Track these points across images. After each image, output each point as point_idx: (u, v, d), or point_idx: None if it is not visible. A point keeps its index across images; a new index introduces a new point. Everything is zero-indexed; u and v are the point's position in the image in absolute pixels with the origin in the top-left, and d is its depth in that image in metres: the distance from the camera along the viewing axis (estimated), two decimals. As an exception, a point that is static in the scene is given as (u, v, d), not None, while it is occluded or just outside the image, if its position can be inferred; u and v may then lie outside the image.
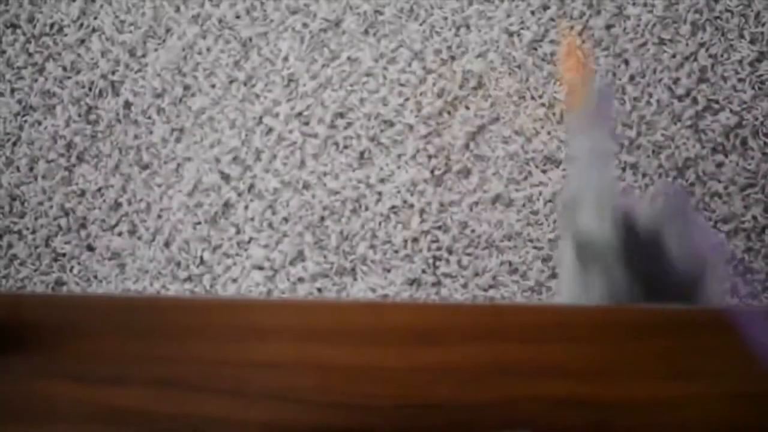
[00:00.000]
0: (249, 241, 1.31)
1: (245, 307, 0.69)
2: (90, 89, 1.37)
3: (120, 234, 1.33)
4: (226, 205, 1.32)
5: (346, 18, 1.35)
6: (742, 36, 1.32)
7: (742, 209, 1.28)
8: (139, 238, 1.33)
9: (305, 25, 1.35)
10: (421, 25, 1.34)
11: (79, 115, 1.36)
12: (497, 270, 1.26)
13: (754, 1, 1.33)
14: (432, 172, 1.30)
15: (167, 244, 1.32)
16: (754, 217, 1.27)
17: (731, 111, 1.30)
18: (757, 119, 1.30)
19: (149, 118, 1.35)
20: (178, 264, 1.31)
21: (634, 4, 1.33)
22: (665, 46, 1.32)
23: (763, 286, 1.26)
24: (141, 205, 1.33)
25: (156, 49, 1.37)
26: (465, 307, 0.69)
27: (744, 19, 1.33)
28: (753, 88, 1.31)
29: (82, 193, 1.34)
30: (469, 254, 1.27)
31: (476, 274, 1.27)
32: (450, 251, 1.28)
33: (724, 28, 1.33)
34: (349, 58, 1.34)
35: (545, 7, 1.34)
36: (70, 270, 1.32)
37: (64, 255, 1.32)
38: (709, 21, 1.32)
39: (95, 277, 1.32)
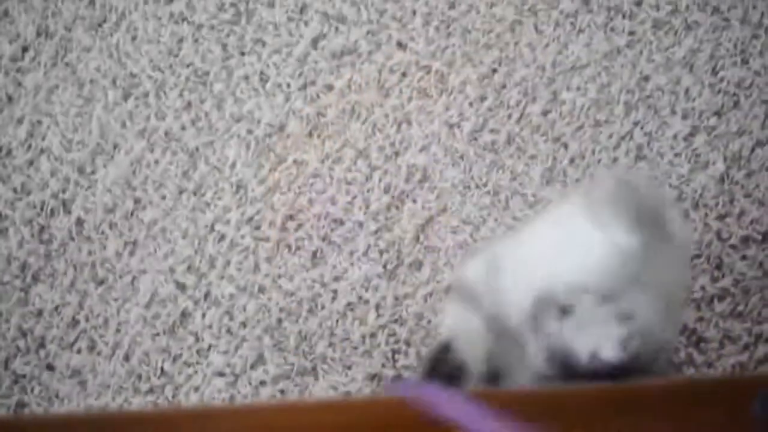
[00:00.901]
0: (209, 349, 1.32)
1: (210, 416, 0.70)
2: (41, 209, 1.39)
3: (79, 351, 1.34)
4: (184, 314, 1.34)
5: (289, 122, 1.39)
6: (674, 112, 1.37)
7: (690, 280, 1.31)
8: (99, 354, 1.34)
9: (250, 131, 1.39)
10: (363, 123, 1.38)
11: (32, 236, 1.38)
12: (455, 359, 1.29)
13: (683, 77, 1.39)
14: (384, 266, 1.33)
15: (127, 358, 1.33)
16: (703, 287, 1.31)
17: (670, 185, 1.35)
18: (696, 191, 1.35)
19: (102, 233, 1.37)
20: (139, 377, 1.32)
21: (568, 89, 1.39)
22: (601, 127, 1.37)
23: (717, 354, 1.30)
24: (99, 321, 1.35)
25: (105, 165, 1.40)
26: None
27: (675, 96, 1.38)
28: (689, 161, 1.35)
29: (39, 313, 1.35)
30: (426, 345, 1.30)
31: (435, 365, 1.29)
32: (408, 343, 1.30)
33: (657, 106, 1.38)
34: (295, 161, 1.38)
35: (482, 98, 1.39)
36: (31, 391, 1.33)
37: (24, 376, 1.33)
38: (641, 100, 1.38)
39: (57, 396, 1.33)
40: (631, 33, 1.40)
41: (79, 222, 1.38)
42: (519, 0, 1.42)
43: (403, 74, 1.41)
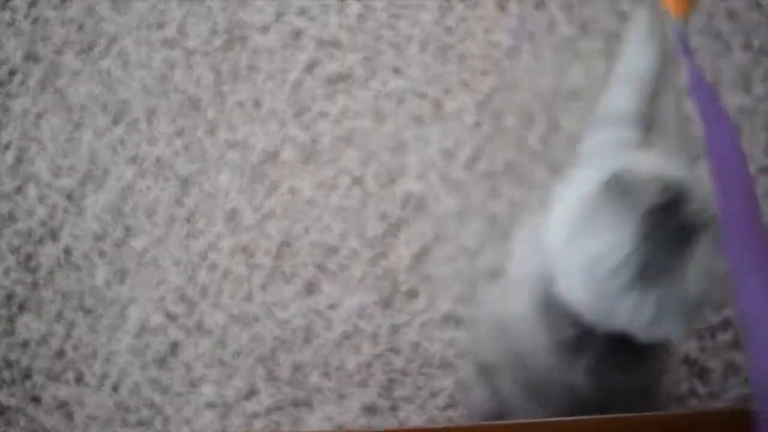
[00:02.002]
0: (200, 379, 1.31)
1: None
2: (29, 236, 1.38)
3: (66, 382, 1.33)
4: (175, 344, 1.33)
5: (284, 149, 1.39)
6: (674, 140, 1.37)
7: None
8: (87, 385, 1.32)
9: (244, 158, 1.38)
10: (358, 150, 1.38)
11: (19, 264, 1.37)
12: (453, 389, 1.28)
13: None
14: (380, 294, 1.32)
15: (116, 389, 1.32)
16: (705, 318, 1.30)
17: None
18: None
19: (91, 261, 1.36)
20: (128, 408, 1.31)
21: (566, 115, 1.38)
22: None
23: (721, 385, 1.29)
24: (87, 351, 1.33)
25: (95, 192, 1.39)
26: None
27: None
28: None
29: (26, 343, 1.34)
30: (423, 374, 1.29)
31: (432, 395, 1.28)
32: (404, 373, 1.29)
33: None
34: (290, 188, 1.37)
35: (479, 125, 1.38)
36: (17, 423, 1.31)
37: (9, 408, 1.31)
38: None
39: (43, 428, 1.31)
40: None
41: (68, 250, 1.37)
42: (516, 26, 1.42)
43: (399, 101, 1.41)
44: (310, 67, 1.43)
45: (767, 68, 1.40)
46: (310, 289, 1.33)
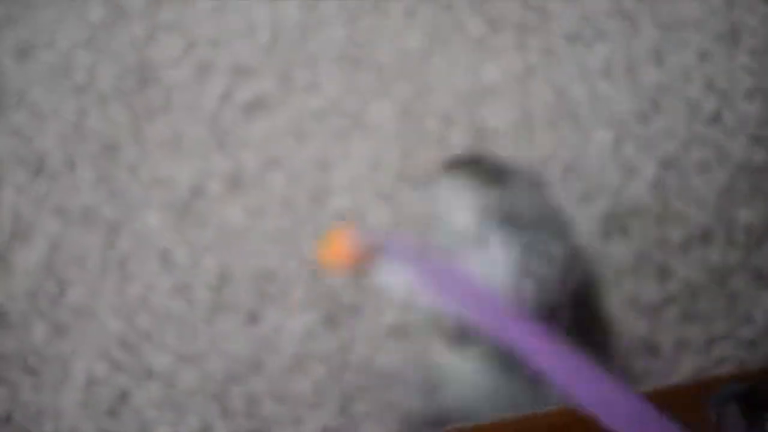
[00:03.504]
0: (154, 422, 1.30)
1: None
2: (-40, 304, 1.36)
3: (16, 446, 1.31)
4: (123, 392, 1.32)
5: (209, 181, 1.39)
6: (597, 123, 1.39)
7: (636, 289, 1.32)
8: (38, 447, 1.31)
9: (169, 195, 1.38)
10: (284, 173, 1.38)
11: (-46, 333, 1.35)
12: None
13: (601, 86, 1.40)
14: (324, 314, 1.32)
15: (68, 446, 1.30)
16: (649, 295, 1.32)
17: (605, 197, 1.36)
18: (630, 200, 1.36)
19: (26, 320, 1.35)
20: (84, 464, 1.29)
21: (488, 113, 1.40)
22: (526, 146, 1.38)
23: (674, 360, 1.30)
24: (34, 411, 1.31)
25: (22, 248, 1.37)
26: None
27: (596, 106, 1.40)
28: (620, 171, 1.37)
29: (-30, 413, 1.32)
30: (379, 386, 1.29)
31: (391, 406, 1.28)
32: (361, 389, 1.29)
33: (579, 117, 1.40)
34: (220, 220, 1.37)
35: (402, 132, 1.39)
36: (-29, 495, 1.29)
37: (-40, 481, 1.29)
38: (562, 115, 1.39)
39: (-3, 497, 1.29)
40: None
41: (2, 312, 1.35)
42: (426, 28, 1.43)
43: (319, 119, 1.41)
44: (226, 96, 1.43)
45: (677, 40, 1.43)
46: (254, 317, 1.33)
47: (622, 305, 1.32)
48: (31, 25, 1.47)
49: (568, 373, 0.70)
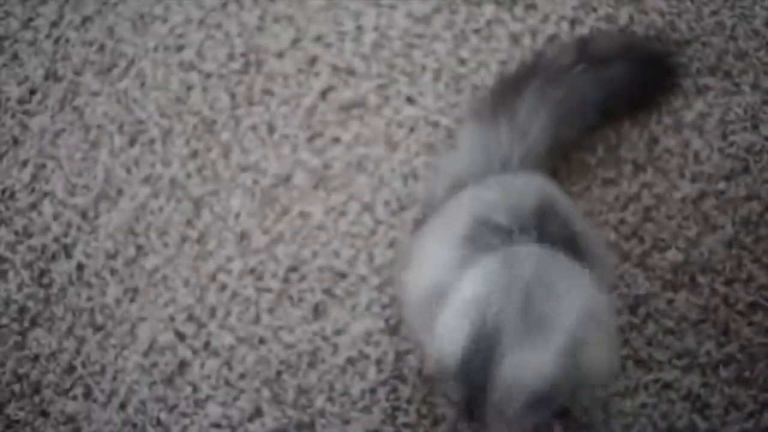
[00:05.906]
0: (206, 399, 1.34)
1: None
2: (42, 253, 1.41)
3: (75, 398, 1.36)
4: (182, 363, 1.36)
5: (295, 173, 1.42)
6: (683, 175, 1.40)
7: (695, 345, 1.33)
8: (95, 401, 1.36)
9: (256, 181, 1.42)
10: (369, 177, 1.41)
11: (32, 279, 1.40)
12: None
13: (692, 140, 1.42)
14: (387, 321, 1.35)
15: (123, 406, 1.35)
16: (708, 353, 1.33)
17: (678, 248, 1.37)
18: (703, 255, 1.37)
19: (102, 279, 1.40)
20: (135, 426, 1.34)
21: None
22: (608, 187, 1.40)
23: (722, 420, 1.31)
24: (96, 368, 1.37)
25: (108, 211, 1.42)
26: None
27: (684, 159, 1.41)
28: (697, 225, 1.38)
29: (36, 358, 1.37)
30: (427, 403, 1.32)
31: (435, 423, 1.31)
32: (409, 401, 1.32)
33: (665, 168, 1.41)
34: (300, 213, 1.40)
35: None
36: (25, 437, 1.34)
37: (18, 422, 1.35)
38: (650, 162, 1.41)
39: (50, 443, 1.34)
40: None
41: (80, 267, 1.41)
42: (529, 56, 1.45)
43: (411, 129, 1.44)
44: (325, 93, 1.47)
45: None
46: (317, 313, 1.37)
47: (679, 358, 1.33)
48: (149, -3, 1.52)
49: None
